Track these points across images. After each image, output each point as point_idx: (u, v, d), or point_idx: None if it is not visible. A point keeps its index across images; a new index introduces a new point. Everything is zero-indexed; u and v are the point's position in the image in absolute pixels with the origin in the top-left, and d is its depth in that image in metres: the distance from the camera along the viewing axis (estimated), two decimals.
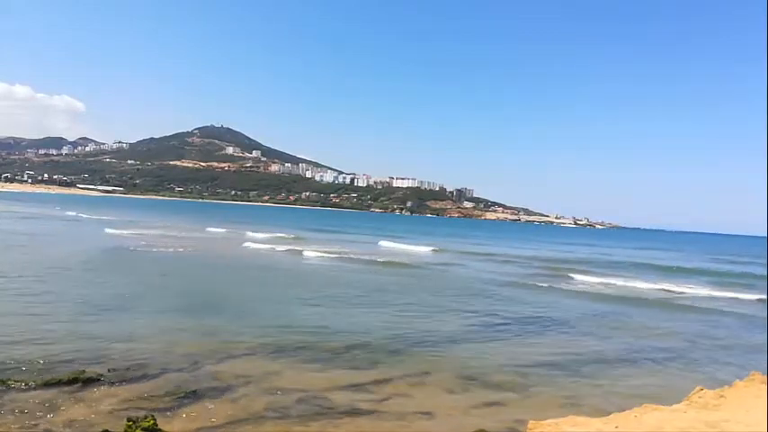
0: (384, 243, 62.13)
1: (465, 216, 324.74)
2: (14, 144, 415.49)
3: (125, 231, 51.56)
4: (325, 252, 44.12)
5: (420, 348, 15.23)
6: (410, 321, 19.05)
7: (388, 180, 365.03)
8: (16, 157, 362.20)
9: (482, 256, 53.58)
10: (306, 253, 43.13)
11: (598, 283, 35.35)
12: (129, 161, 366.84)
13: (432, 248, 57.42)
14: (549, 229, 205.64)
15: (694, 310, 26.71)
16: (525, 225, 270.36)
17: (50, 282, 21.59)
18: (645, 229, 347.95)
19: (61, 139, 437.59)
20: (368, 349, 14.65)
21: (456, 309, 22.52)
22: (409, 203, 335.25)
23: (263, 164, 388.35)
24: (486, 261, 48.00)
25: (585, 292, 31.22)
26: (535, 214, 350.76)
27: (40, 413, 8.96)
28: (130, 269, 27.80)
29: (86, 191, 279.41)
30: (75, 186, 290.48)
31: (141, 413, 8.71)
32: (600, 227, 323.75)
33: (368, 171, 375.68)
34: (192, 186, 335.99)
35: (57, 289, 20.16)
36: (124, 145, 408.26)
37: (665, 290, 33.69)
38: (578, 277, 37.58)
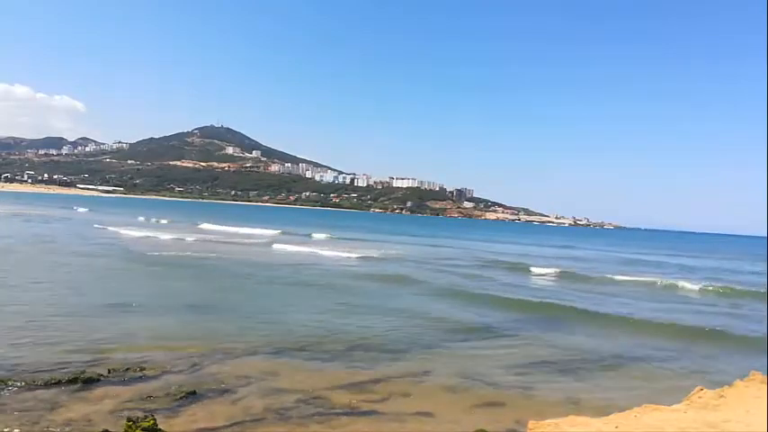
0: (280, 246, 46.68)
1: (465, 216, 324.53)
2: (14, 144, 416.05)
3: None
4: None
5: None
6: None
7: (388, 180, 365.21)
8: (16, 157, 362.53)
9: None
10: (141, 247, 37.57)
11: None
12: (129, 161, 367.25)
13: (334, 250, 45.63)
14: (536, 229, 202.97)
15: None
16: (522, 225, 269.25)
17: None
18: (645, 230, 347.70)
19: (61, 139, 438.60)
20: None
21: None
22: (409, 203, 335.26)
23: (263, 164, 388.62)
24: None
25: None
26: (535, 214, 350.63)
27: (41, 413, 8.96)
28: None
29: (86, 191, 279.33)
30: (75, 186, 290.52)
31: (141, 413, 8.71)
32: (597, 227, 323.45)
33: (368, 171, 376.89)
34: (192, 186, 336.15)
35: None
36: (124, 145, 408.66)
37: None
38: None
